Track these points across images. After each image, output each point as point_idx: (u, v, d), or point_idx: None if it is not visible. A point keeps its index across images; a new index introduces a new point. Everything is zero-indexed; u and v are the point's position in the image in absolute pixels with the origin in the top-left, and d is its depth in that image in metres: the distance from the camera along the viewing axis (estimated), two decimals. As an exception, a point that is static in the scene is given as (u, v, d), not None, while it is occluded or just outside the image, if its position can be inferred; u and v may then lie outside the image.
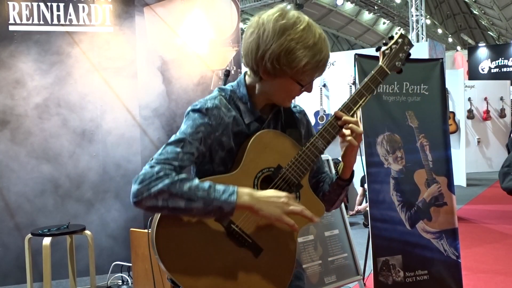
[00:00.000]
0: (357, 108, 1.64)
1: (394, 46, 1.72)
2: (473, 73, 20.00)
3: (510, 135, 8.00)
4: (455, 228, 3.89)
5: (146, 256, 3.66)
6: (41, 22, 4.49)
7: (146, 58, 4.66)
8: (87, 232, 4.09)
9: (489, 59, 20.32)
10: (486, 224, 7.02)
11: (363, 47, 25.65)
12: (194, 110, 1.58)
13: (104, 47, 4.60)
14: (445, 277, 3.83)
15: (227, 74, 4.51)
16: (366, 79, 1.67)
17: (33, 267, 4.17)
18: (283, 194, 1.51)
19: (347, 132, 1.61)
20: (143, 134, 4.63)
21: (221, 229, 1.53)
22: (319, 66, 1.54)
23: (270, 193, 1.51)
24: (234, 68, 4.82)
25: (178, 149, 1.51)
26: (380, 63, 1.70)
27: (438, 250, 3.83)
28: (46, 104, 4.48)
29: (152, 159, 1.52)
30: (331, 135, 1.62)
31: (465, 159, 10.55)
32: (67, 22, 4.54)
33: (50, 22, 4.51)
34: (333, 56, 8.72)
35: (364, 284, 4.03)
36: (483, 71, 20.25)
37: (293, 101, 1.75)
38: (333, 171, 1.77)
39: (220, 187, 1.47)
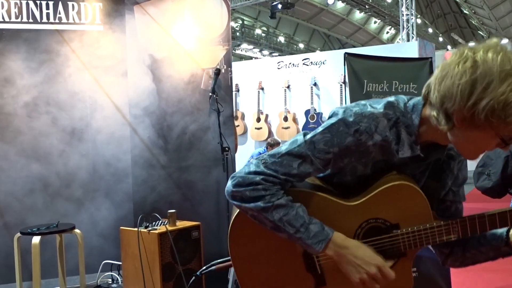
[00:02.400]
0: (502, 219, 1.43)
1: None
2: (463, 72, 20.09)
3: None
4: (444, 226, 3.92)
5: (136, 255, 3.66)
6: (30, 20, 4.47)
7: (136, 56, 4.66)
8: (77, 230, 4.09)
9: (479, 59, 20.41)
10: (475, 222, 7.07)
11: (354, 46, 25.72)
12: (343, 122, 1.35)
13: (94, 46, 4.59)
14: (434, 275, 3.85)
15: (217, 72, 4.52)
16: None
17: (23, 266, 4.16)
18: (375, 261, 1.38)
19: None
20: (133, 132, 4.62)
21: (298, 249, 1.47)
22: None
23: (363, 253, 1.39)
24: (225, 67, 4.82)
25: (294, 165, 1.36)
26: None
27: (427, 248, 3.84)
28: (35, 102, 4.46)
29: (265, 160, 1.39)
30: (472, 230, 1.43)
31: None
32: (57, 21, 4.52)
33: (39, 20, 4.49)
34: (324, 55, 8.75)
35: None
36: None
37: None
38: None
39: (313, 228, 1.37)
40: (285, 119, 8.70)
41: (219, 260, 2.14)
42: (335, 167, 1.42)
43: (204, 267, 2.17)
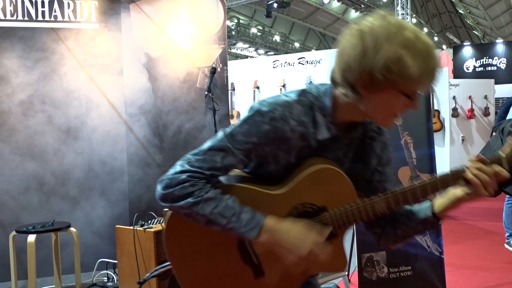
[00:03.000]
0: (441, 184, 1.44)
1: None
2: (458, 72, 20.18)
3: (491, 134, 8.09)
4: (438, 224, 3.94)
5: (131, 253, 3.66)
6: (26, 18, 4.46)
7: (132, 55, 4.65)
8: (72, 229, 4.08)
9: (474, 58, 20.50)
10: (469, 221, 7.10)
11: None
12: (258, 112, 1.41)
13: (90, 44, 4.58)
14: (428, 273, 3.87)
15: (213, 71, 4.52)
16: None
17: (18, 265, 4.15)
18: (310, 239, 1.41)
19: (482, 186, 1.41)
20: (129, 131, 4.62)
21: (232, 241, 1.49)
22: (432, 75, 1.34)
23: (297, 234, 1.41)
24: (220, 66, 4.82)
25: (217, 159, 1.41)
26: (501, 152, 1.44)
27: (422, 246, 3.87)
28: (30, 101, 4.45)
29: (188, 159, 1.43)
30: (397, 204, 1.45)
31: (450, 157, 10.66)
32: (52, 19, 4.51)
33: (34, 18, 4.48)
34: (319, 54, 8.76)
35: (349, 280, 4.06)
36: (468, 70, 20.44)
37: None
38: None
39: (245, 216, 1.40)
40: (281, 118, 8.72)
41: (160, 266, 2.14)
42: (257, 157, 1.45)
43: (148, 274, 2.19)
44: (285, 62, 8.88)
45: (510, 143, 1.43)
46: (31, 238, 3.82)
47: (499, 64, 20.03)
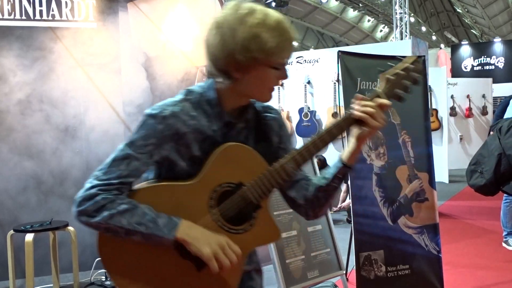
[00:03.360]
0: (336, 130, 1.53)
1: (402, 72, 1.55)
2: (456, 71, 20.20)
3: (489, 132, 8.11)
4: (436, 223, 3.95)
5: (129, 252, 3.65)
6: (23, 17, 4.46)
7: (130, 54, 4.65)
8: (70, 228, 4.08)
9: (472, 57, 20.53)
10: (467, 219, 7.11)
11: (347, 45, 25.75)
12: (150, 116, 1.50)
13: (88, 43, 4.58)
14: (426, 272, 3.88)
15: (211, 70, 4.51)
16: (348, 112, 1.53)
17: (16, 264, 4.15)
18: (223, 237, 1.47)
19: (373, 120, 1.49)
20: (127, 130, 4.61)
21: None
22: (288, 45, 1.48)
23: (213, 235, 1.46)
24: (218, 65, 4.82)
25: (123, 167, 1.46)
26: (379, 88, 1.54)
27: (420, 245, 3.88)
28: (28, 100, 4.45)
29: (96, 177, 1.46)
30: (304, 159, 1.53)
31: (448, 155, 10.67)
32: (50, 18, 4.51)
33: (32, 17, 4.47)
34: (317, 53, 8.76)
35: (347, 279, 4.07)
36: (466, 69, 20.46)
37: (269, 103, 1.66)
38: (317, 170, 1.70)
39: (162, 221, 1.44)
40: (279, 117, 8.73)
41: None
42: (162, 157, 1.50)
43: None
44: (283, 61, 8.87)
45: (382, 78, 1.55)
46: (29, 237, 3.81)
47: (497, 63, 20.05)
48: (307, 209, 1.66)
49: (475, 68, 20.31)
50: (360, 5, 21.58)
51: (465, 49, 21.04)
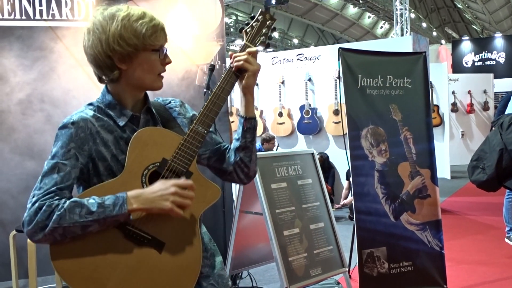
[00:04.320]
0: (227, 86, 1.68)
1: (255, 23, 1.74)
2: (457, 67, 20.17)
3: (491, 128, 8.10)
4: (439, 219, 3.94)
5: (132, 251, 3.66)
6: (23, 17, 4.45)
7: (130, 53, 4.64)
8: (73, 228, 4.08)
9: (473, 53, 20.50)
10: (470, 215, 7.11)
11: (348, 41, 25.74)
12: (60, 128, 1.60)
13: (88, 42, 4.56)
14: (429, 268, 3.88)
15: (211, 68, 4.51)
16: (230, 63, 1.71)
17: (18, 264, 4.15)
18: (169, 184, 1.52)
19: (246, 63, 1.66)
20: (128, 129, 4.61)
21: (117, 234, 1.51)
22: (158, 28, 1.62)
23: (157, 187, 1.51)
24: (219, 63, 4.81)
25: (55, 175, 1.51)
26: (244, 41, 1.74)
27: (422, 242, 3.87)
28: (29, 100, 4.44)
29: (32, 195, 1.49)
30: (210, 119, 1.64)
31: (449, 151, 10.66)
32: (50, 17, 4.50)
33: (32, 17, 4.47)
34: (318, 50, 8.75)
35: (350, 276, 4.07)
36: (467, 64, 20.43)
37: (173, 99, 1.84)
38: (319, 167, 1.77)
39: (108, 202, 1.47)
40: (280, 114, 8.69)
41: None
42: (84, 157, 1.57)
43: None
44: (284, 59, 8.87)
45: (243, 33, 1.75)
46: (32, 237, 3.81)
47: (498, 58, 20.01)
48: (238, 173, 1.76)
49: (476, 64, 20.27)
50: (361, 1, 21.55)
51: (466, 45, 21.01)
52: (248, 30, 1.74)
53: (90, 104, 1.69)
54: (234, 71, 1.68)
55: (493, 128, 4.11)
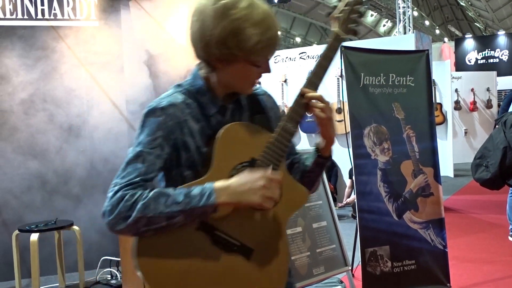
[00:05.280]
0: (320, 81, 1.57)
1: (345, 8, 1.58)
2: (460, 64, 20.13)
3: (495, 126, 8.07)
4: (442, 218, 3.93)
5: (134, 251, 3.65)
6: (25, 16, 4.45)
7: (133, 52, 4.64)
8: (75, 227, 4.08)
9: (476, 51, 20.45)
10: (473, 214, 7.09)
11: (351, 40, 25.64)
12: (148, 113, 1.47)
13: (90, 42, 4.57)
14: (432, 267, 3.86)
15: (214, 67, 4.50)
16: (324, 50, 1.57)
17: (21, 264, 4.16)
18: (257, 176, 1.41)
19: (316, 109, 1.52)
20: (131, 128, 4.61)
21: (205, 239, 1.43)
22: (271, 43, 1.42)
23: (245, 179, 1.41)
24: (221, 62, 4.81)
25: (139, 165, 1.41)
26: (333, 29, 1.58)
27: (425, 240, 3.86)
28: (31, 99, 4.45)
29: (115, 184, 1.41)
30: (299, 115, 1.52)
31: (453, 150, 10.63)
32: (52, 17, 4.51)
33: (34, 17, 4.47)
34: (320, 49, 8.74)
35: (353, 275, 4.06)
36: (470, 62, 20.38)
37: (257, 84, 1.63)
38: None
39: (195, 192, 1.38)
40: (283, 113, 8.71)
41: None
42: (169, 147, 1.46)
43: None
44: (287, 57, 8.85)
45: (332, 19, 1.59)
46: (34, 236, 3.82)
47: (501, 56, 19.96)
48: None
49: (479, 62, 20.22)
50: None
51: (469, 43, 20.95)
52: (339, 15, 1.57)
53: (179, 85, 1.55)
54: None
55: (497, 126, 4.11)
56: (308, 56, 8.54)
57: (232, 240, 1.45)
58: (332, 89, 8.15)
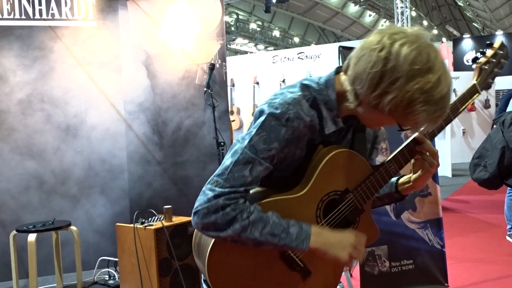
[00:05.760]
0: (439, 133, 1.52)
1: (492, 60, 1.52)
2: (458, 65, 20.14)
3: (492, 126, 8.08)
4: (440, 218, 3.93)
5: (132, 251, 3.65)
6: (23, 16, 4.45)
7: (130, 52, 4.64)
8: (73, 227, 4.08)
9: (474, 51, 20.46)
10: (471, 213, 7.09)
11: (349, 40, 25.69)
12: (273, 116, 1.36)
13: (88, 42, 4.56)
14: (430, 266, 3.87)
15: (212, 67, 4.50)
16: (455, 100, 1.49)
17: (19, 264, 4.15)
18: (350, 235, 1.45)
19: (426, 162, 1.49)
20: (128, 129, 4.61)
21: (275, 252, 1.47)
22: (433, 120, 1.30)
23: (343, 237, 1.44)
24: (219, 62, 4.81)
25: (246, 173, 1.34)
26: (474, 81, 1.50)
27: (423, 240, 3.86)
28: (29, 99, 4.44)
29: (215, 182, 1.35)
30: (405, 160, 1.50)
31: (451, 149, 10.64)
32: (49, 17, 4.50)
33: (32, 17, 4.46)
34: (319, 49, 8.74)
35: (351, 275, 4.05)
36: (468, 62, 20.39)
37: None
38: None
39: (293, 231, 1.38)
40: (281, 113, 8.69)
41: None
42: (278, 160, 1.41)
43: None
44: (285, 57, 8.86)
45: (477, 69, 1.54)
46: (32, 237, 3.81)
47: (499, 56, 19.95)
48: None
49: (477, 62, 20.23)
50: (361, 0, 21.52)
51: (467, 43, 20.98)
52: (484, 67, 1.52)
53: (306, 88, 1.42)
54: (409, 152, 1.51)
55: (495, 126, 4.12)
56: (306, 56, 8.54)
57: (297, 260, 1.49)
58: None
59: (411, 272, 3.79)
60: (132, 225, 3.67)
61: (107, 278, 4.38)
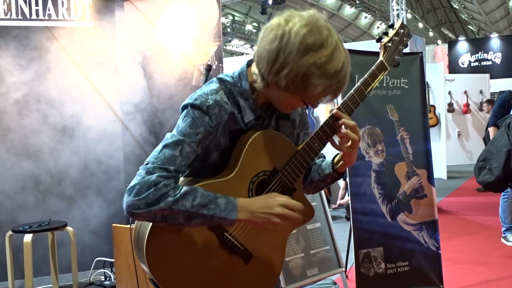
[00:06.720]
0: (356, 108, 1.59)
1: (395, 38, 1.65)
2: (453, 67, 20.21)
3: (487, 129, 8.12)
4: (435, 220, 3.95)
5: (128, 252, 3.65)
6: (20, 17, 4.44)
7: (127, 53, 4.63)
8: (69, 228, 4.07)
9: (469, 53, 20.54)
10: (466, 215, 7.12)
11: (345, 41, 25.71)
12: (194, 106, 1.45)
13: (84, 42, 4.56)
14: (425, 268, 3.88)
15: (208, 69, 4.49)
16: (366, 76, 1.60)
17: (15, 264, 4.14)
18: (276, 202, 1.46)
19: (346, 137, 1.54)
20: (125, 129, 4.60)
21: (214, 238, 1.49)
22: (332, 93, 1.43)
23: (263, 202, 1.46)
24: (216, 63, 4.81)
25: (176, 153, 1.41)
26: (380, 57, 1.64)
27: (419, 242, 3.88)
28: (25, 100, 4.43)
29: (147, 163, 1.41)
30: (327, 136, 1.55)
31: (446, 152, 10.68)
32: (46, 17, 4.49)
33: (28, 17, 4.46)
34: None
35: (346, 276, 4.07)
36: (463, 64, 20.48)
37: None
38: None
39: (221, 202, 1.41)
40: (277, 114, 8.72)
41: None
42: (204, 146, 1.47)
43: None
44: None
45: (381, 47, 1.65)
46: (28, 237, 3.80)
47: (494, 58, 20.06)
48: (308, 188, 1.77)
49: (472, 64, 20.32)
50: (357, 1, 21.57)
51: (462, 45, 21.05)
52: (388, 44, 1.63)
53: (222, 81, 1.52)
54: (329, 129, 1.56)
55: (489, 129, 4.13)
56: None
57: (237, 244, 1.52)
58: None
59: (407, 273, 3.81)
60: (128, 226, 3.66)
61: (103, 279, 4.38)
